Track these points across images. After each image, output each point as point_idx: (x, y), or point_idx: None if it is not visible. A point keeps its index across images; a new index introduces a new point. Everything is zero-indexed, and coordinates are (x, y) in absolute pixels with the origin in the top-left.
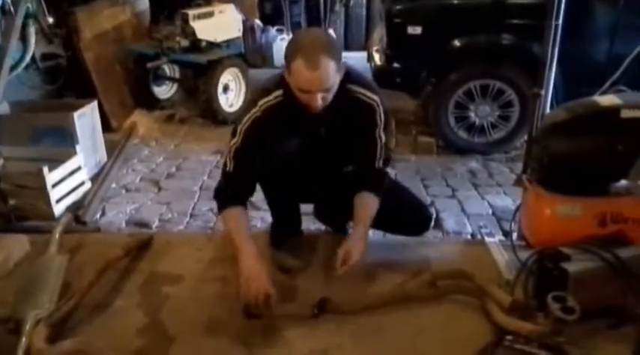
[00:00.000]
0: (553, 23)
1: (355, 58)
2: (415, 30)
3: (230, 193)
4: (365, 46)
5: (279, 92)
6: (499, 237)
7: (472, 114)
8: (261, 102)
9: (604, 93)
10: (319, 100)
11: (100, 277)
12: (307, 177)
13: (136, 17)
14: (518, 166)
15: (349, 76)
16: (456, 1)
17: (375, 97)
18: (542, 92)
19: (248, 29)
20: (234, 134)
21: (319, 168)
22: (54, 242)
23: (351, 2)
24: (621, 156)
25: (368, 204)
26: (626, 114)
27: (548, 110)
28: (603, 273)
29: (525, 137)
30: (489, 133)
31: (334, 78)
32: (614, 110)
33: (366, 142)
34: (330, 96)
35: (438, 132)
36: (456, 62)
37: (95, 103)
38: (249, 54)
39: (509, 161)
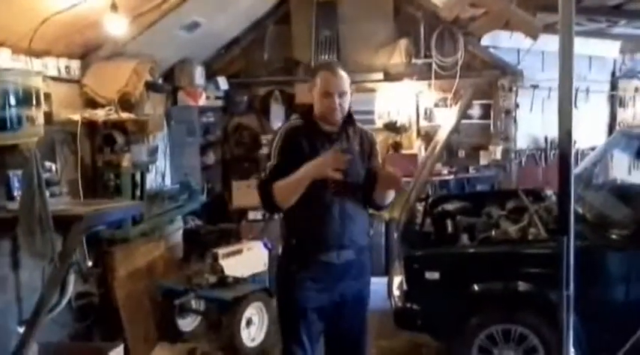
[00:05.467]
0: (564, 293)
1: (377, 283)
2: (433, 275)
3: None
4: (385, 271)
5: (295, 116)
6: None
7: None
8: (284, 126)
9: None
10: (337, 103)
11: None
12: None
13: (169, 251)
14: None
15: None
16: (471, 250)
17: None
18: None
19: (274, 258)
20: (269, 158)
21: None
22: None
23: (371, 232)
24: None
25: None
26: None
27: None
28: None
29: None
30: None
31: (348, 89)
32: None
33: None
34: (344, 106)
35: None
36: (475, 307)
37: (121, 348)
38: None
39: None
